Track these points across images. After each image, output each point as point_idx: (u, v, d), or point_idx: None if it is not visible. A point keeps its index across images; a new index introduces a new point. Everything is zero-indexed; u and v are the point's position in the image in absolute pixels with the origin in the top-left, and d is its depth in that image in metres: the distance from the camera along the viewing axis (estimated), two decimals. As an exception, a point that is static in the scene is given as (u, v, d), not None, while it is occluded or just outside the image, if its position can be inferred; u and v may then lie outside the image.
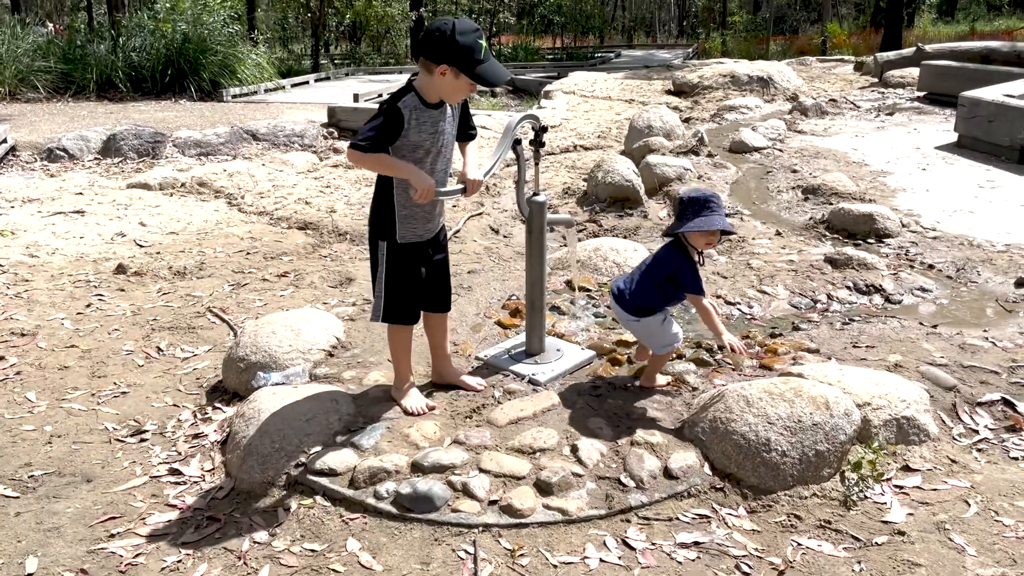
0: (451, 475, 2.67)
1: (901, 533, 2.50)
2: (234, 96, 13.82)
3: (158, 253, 5.40)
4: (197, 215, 6.27)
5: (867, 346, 3.69)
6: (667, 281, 3.00)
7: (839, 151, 7.88)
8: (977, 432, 3.13)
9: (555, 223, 3.48)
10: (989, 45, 13.85)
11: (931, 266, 4.84)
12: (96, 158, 9.29)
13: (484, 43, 2.69)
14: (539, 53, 25.63)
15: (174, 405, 3.45)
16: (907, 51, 14.64)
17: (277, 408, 2.97)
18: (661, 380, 3.24)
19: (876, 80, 13.51)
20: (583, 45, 32.48)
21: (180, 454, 3.07)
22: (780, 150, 7.85)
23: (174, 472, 2.94)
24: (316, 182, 7.24)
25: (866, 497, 2.71)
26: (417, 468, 2.71)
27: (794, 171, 7.04)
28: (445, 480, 2.65)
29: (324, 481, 2.71)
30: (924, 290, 4.47)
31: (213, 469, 2.95)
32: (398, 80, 17.87)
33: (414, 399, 3.06)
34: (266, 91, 14.81)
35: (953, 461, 2.94)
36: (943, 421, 3.16)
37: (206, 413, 3.35)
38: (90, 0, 23.02)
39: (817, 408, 2.77)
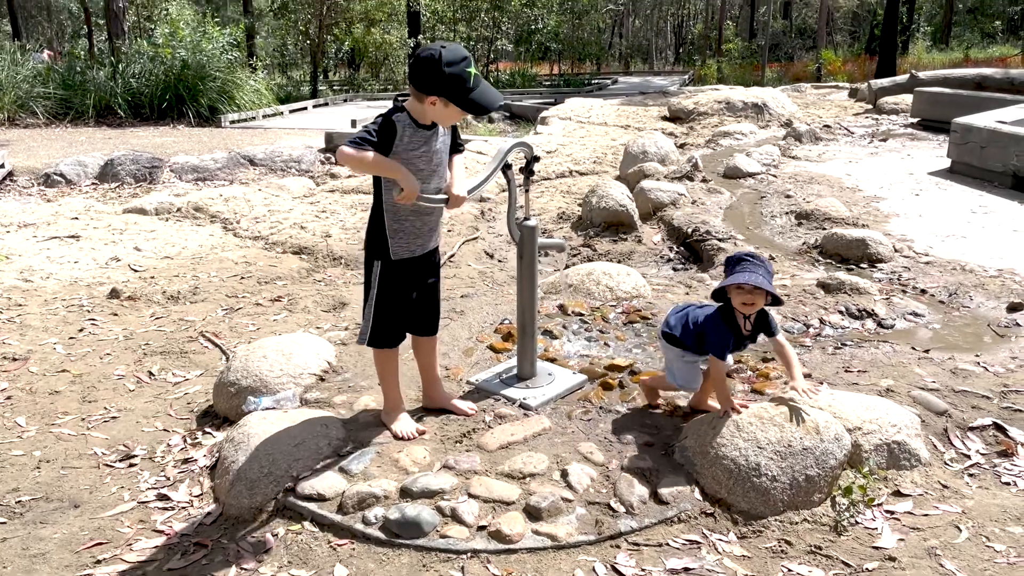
0: (440, 500, 2.65)
1: (892, 559, 2.49)
2: (232, 122, 13.92)
3: (152, 278, 5.41)
4: (192, 240, 6.28)
5: (859, 371, 3.69)
6: (696, 332, 3.01)
7: (833, 177, 7.93)
8: (969, 457, 3.12)
9: (547, 247, 3.49)
10: (982, 72, 13.98)
11: (923, 291, 4.85)
12: (93, 183, 9.33)
13: (473, 70, 2.71)
14: (536, 80, 25.84)
15: (164, 430, 3.44)
16: (901, 78, 14.79)
17: (266, 433, 2.97)
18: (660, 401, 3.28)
19: (870, 107, 13.63)
20: (580, 72, 32.77)
21: (169, 479, 3.05)
22: (774, 175, 7.90)
23: (162, 497, 2.92)
24: (312, 207, 7.27)
25: (857, 522, 2.70)
26: (406, 493, 2.70)
27: (788, 196, 7.08)
28: (434, 505, 2.63)
29: (312, 506, 2.69)
30: (916, 315, 4.48)
31: (202, 495, 2.94)
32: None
33: (404, 424, 3.05)
34: (264, 117, 14.91)
35: (944, 486, 2.93)
36: (935, 446, 3.15)
37: (196, 438, 3.34)
38: (91, 27, 23.23)
39: (807, 433, 2.76)
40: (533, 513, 2.61)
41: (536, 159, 3.21)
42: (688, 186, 7.24)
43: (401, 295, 2.97)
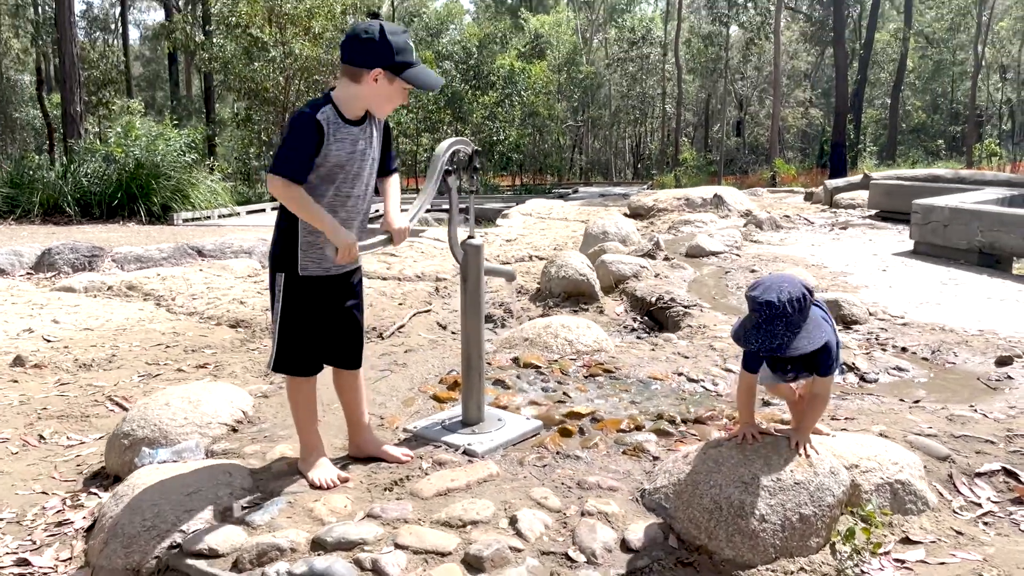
0: (359, 552, 2.16)
1: (912, 610, 2.04)
2: (185, 220, 13.59)
3: (66, 347, 4.89)
4: (119, 313, 5.80)
5: (846, 418, 3.30)
6: None
7: (797, 256, 7.75)
8: (980, 505, 2.71)
9: (494, 273, 3.11)
10: (934, 172, 14.24)
11: (904, 349, 4.53)
12: (28, 273, 8.81)
13: (413, 43, 2.43)
14: (498, 189, 26.11)
15: (43, 492, 2.90)
16: (855, 178, 15.04)
17: (156, 483, 2.46)
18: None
19: (827, 206, 13.76)
20: (541, 183, 33.32)
21: (34, 543, 2.51)
22: (737, 255, 7.70)
23: (21, 563, 2.38)
24: (255, 285, 6.85)
25: (863, 572, 2.25)
26: (318, 545, 2.20)
27: (753, 271, 6.84)
28: (351, 558, 2.14)
29: (201, 564, 2.17)
30: (900, 369, 4.13)
31: (71, 559, 2.40)
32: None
33: (323, 470, 2.57)
34: (220, 217, 14.61)
35: (959, 532, 2.50)
36: (940, 494, 2.74)
37: (78, 500, 2.81)
38: (53, 140, 23.13)
39: (798, 465, 2.34)
40: (474, 564, 2.12)
41: (478, 152, 2.88)
42: (651, 262, 6.97)
43: (310, 315, 2.55)
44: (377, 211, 2.67)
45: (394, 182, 2.76)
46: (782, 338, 2.24)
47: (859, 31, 39.17)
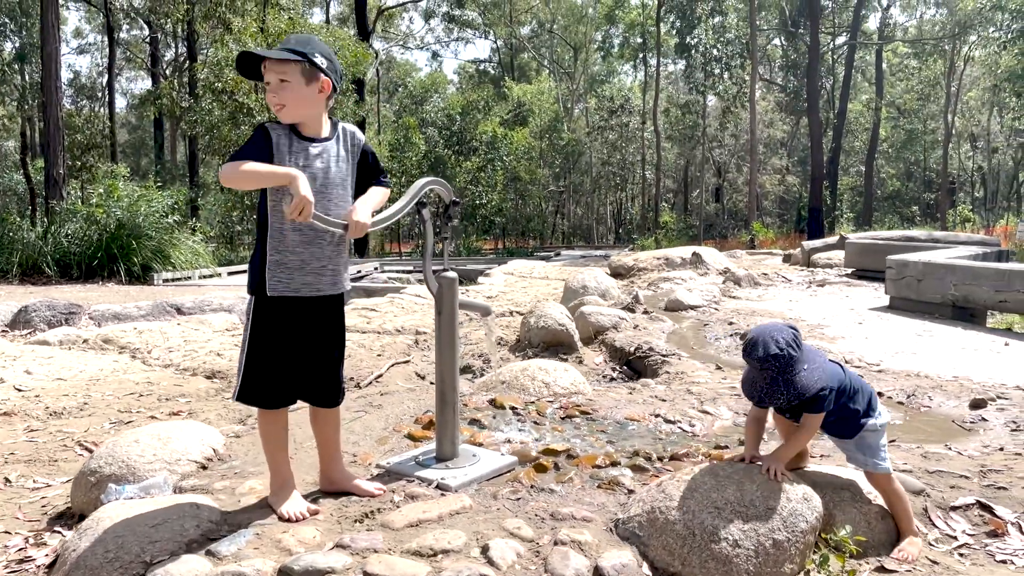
0: (327, 580, 2.11)
1: (887, 632, 2.01)
2: (165, 280, 13.55)
3: (37, 396, 4.82)
4: (93, 365, 5.73)
5: (821, 455, 3.30)
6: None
7: (775, 311, 7.82)
8: (955, 538, 2.70)
9: (469, 307, 3.13)
10: (908, 234, 14.55)
11: (880, 393, 4.54)
12: (3, 330, 8.73)
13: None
14: (481, 252, 26.29)
15: (5, 532, 2.82)
16: (831, 239, 15.34)
17: (121, 517, 2.41)
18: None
19: (804, 266, 13.96)
20: (523, 246, 33.60)
21: (-7, 580, 2.43)
22: (716, 308, 7.76)
23: (-22, 599, 2.31)
24: (233, 338, 6.81)
25: (840, 599, 2.22)
26: (285, 574, 2.15)
27: (731, 323, 6.89)
28: (319, 586, 2.09)
29: (164, 595, 2.12)
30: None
31: (29, 595, 2.33)
32: (357, 267, 17.89)
33: (293, 503, 2.52)
34: (201, 277, 14.58)
35: (934, 562, 2.49)
36: (916, 526, 2.73)
37: (41, 538, 2.74)
38: (32, 189, 23.15)
39: (771, 491, 2.33)
40: (443, 591, 2.08)
41: (456, 203, 2.91)
42: (630, 315, 7.01)
43: (277, 341, 2.51)
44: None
45: (378, 189, 2.67)
46: (791, 386, 2.35)
47: (833, 101, 40.35)
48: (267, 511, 2.53)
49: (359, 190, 2.65)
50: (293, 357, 2.55)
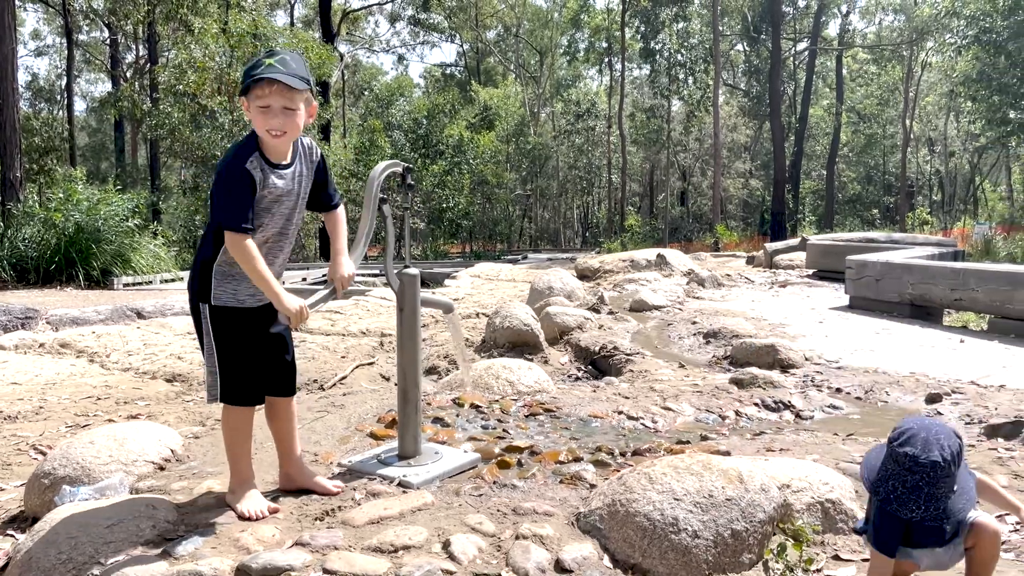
0: (286, 577, 2.09)
1: (843, 619, 2.04)
2: (126, 285, 13.34)
3: (-9, 400, 4.72)
4: (49, 369, 5.62)
5: (781, 449, 3.34)
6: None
7: (737, 310, 7.90)
8: (912, 527, 2.74)
9: (431, 304, 3.12)
10: (868, 235, 14.82)
11: (839, 389, 4.63)
12: (-43, 335, 8.52)
13: (271, 60, 2.39)
14: (448, 256, 26.25)
15: (-46, 537, 2.75)
16: (793, 241, 15.55)
17: (75, 518, 2.37)
18: None
19: (767, 268, 14.14)
20: (490, 250, 33.61)
21: (-59, 586, 2.37)
22: (680, 309, 7.82)
23: (-75, 605, 2.25)
24: (194, 341, 6.70)
25: (797, 588, 2.25)
26: (243, 573, 2.13)
27: (694, 323, 6.95)
28: (278, 584, 2.07)
29: (119, 595, 2.08)
30: (835, 407, 4.21)
31: (-21, 599, 2.27)
32: (304, 273, 17.74)
33: (252, 502, 2.50)
34: (163, 282, 14.37)
35: (890, 550, 2.52)
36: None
37: (-8, 543, 2.68)
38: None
39: (729, 482, 2.36)
40: (404, 586, 2.07)
41: (410, 170, 2.91)
42: (595, 315, 7.04)
43: (244, 340, 2.53)
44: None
45: (340, 218, 2.72)
46: (933, 504, 1.94)
47: (795, 106, 40.97)
48: (226, 510, 2.50)
49: (310, 202, 2.66)
50: (255, 351, 2.55)
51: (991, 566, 2.09)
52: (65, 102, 38.03)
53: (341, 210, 2.75)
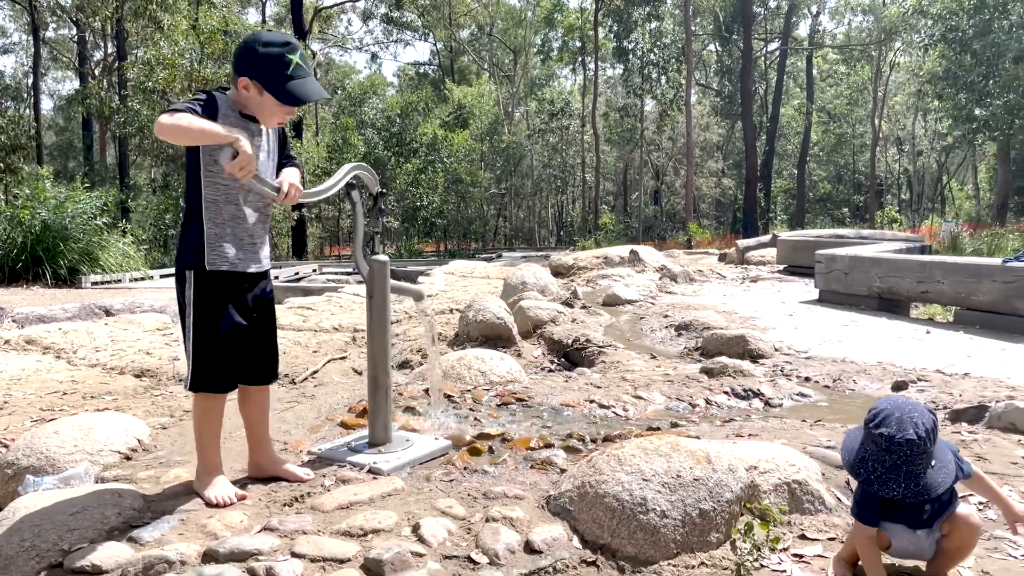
0: (253, 562, 2.08)
1: (808, 594, 2.07)
2: (94, 283, 13.14)
3: (-47, 396, 4.63)
4: (14, 365, 5.53)
5: (750, 435, 3.37)
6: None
7: (709, 304, 7.97)
8: (877, 508, 2.78)
9: (401, 291, 3.11)
10: (837, 232, 15.02)
11: (807, 378, 4.68)
12: (-81, 334, 8.35)
13: (296, 57, 2.41)
14: (422, 255, 26.18)
15: (-86, 530, 2.70)
16: (764, 238, 15.69)
17: (39, 506, 2.34)
18: None
19: (739, 264, 14.27)
20: (465, 248, 33.58)
21: (-101, 577, 2.33)
22: (652, 303, 7.87)
23: None
24: (164, 337, 6.64)
25: (763, 566, 2.27)
26: (210, 557, 2.11)
27: (666, 316, 6.99)
28: (245, 568, 2.05)
29: (83, 582, 2.06)
30: (803, 395, 4.26)
31: (-61, 589, 2.23)
32: (276, 272, 17.60)
33: (220, 488, 2.48)
34: (132, 280, 14.18)
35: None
36: (838, 498, 2.81)
37: (-47, 534, 2.63)
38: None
39: (697, 462, 2.38)
40: (373, 569, 2.07)
41: (383, 193, 2.90)
42: (568, 309, 7.06)
43: (223, 320, 2.49)
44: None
45: (294, 169, 2.67)
46: (913, 480, 1.99)
47: (766, 106, 41.36)
48: (193, 498, 2.48)
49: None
50: (237, 335, 2.53)
51: (959, 557, 2.15)
52: (32, 100, 37.38)
53: (299, 169, 2.71)
